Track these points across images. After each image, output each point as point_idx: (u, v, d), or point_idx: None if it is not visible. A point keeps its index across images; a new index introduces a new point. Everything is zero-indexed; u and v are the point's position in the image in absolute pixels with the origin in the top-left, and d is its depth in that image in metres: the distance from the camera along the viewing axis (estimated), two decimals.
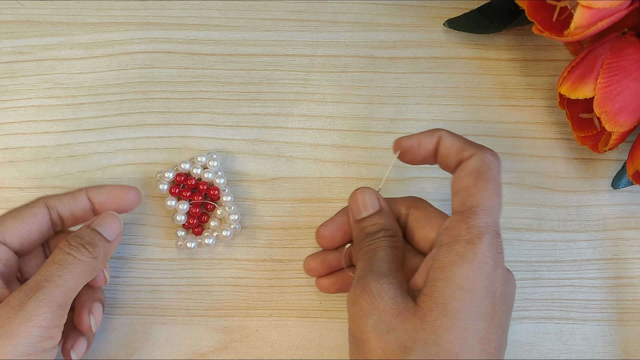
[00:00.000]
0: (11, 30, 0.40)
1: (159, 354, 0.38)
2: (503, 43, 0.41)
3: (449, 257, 0.29)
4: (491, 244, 0.29)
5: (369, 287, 0.29)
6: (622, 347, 0.38)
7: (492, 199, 0.30)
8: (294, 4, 0.41)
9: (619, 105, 0.33)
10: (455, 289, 0.28)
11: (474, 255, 0.28)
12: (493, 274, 0.29)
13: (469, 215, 0.29)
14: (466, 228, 0.29)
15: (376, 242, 0.32)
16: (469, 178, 0.30)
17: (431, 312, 0.28)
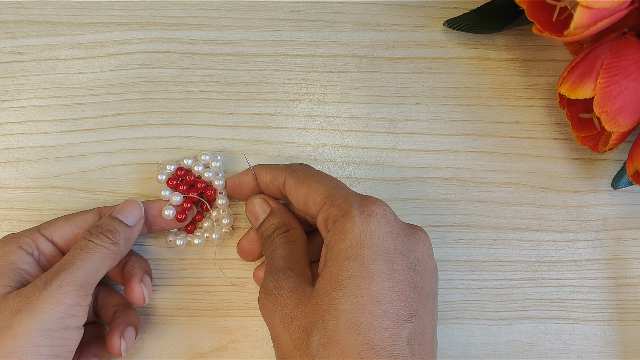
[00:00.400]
0: (11, 30, 0.40)
1: (159, 354, 0.38)
2: (503, 43, 0.41)
3: (333, 237, 0.29)
4: (363, 207, 0.30)
5: (268, 287, 0.31)
6: (621, 347, 0.38)
7: (328, 180, 0.32)
8: (294, 4, 0.41)
9: (619, 105, 0.33)
10: (342, 260, 0.28)
11: (351, 224, 0.29)
12: (378, 233, 0.29)
13: (330, 201, 0.31)
14: (336, 208, 0.30)
15: (273, 242, 0.33)
16: (299, 189, 0.33)
17: (323, 289, 0.28)
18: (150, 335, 0.38)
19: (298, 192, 0.33)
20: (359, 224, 0.29)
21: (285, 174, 0.34)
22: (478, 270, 0.39)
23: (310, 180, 0.33)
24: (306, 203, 0.32)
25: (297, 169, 0.34)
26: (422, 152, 0.40)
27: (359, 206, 0.30)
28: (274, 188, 0.35)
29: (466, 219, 0.39)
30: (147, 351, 0.38)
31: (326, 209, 0.31)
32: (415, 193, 0.39)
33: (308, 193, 0.32)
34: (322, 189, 0.32)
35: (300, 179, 0.33)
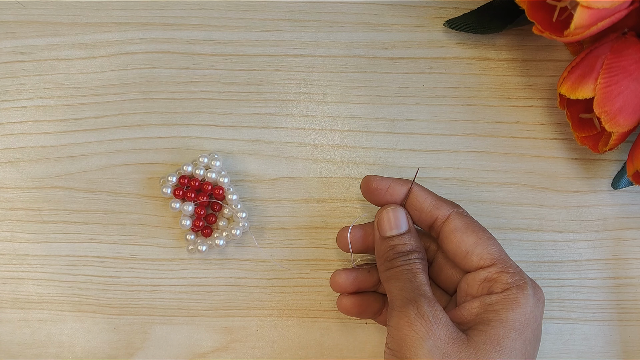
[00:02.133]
0: (11, 31, 0.40)
1: (159, 354, 0.38)
2: (503, 43, 0.41)
3: (502, 303, 0.31)
4: (535, 288, 0.32)
5: (424, 312, 0.30)
6: (622, 347, 0.38)
7: (497, 243, 0.33)
8: (294, 4, 0.41)
9: (619, 105, 0.33)
10: (509, 329, 0.30)
11: (525, 300, 0.31)
12: (538, 320, 0.31)
13: (503, 266, 0.32)
14: (510, 276, 0.31)
15: (412, 264, 0.32)
16: (468, 236, 0.32)
17: (485, 345, 0.29)
18: (151, 335, 0.38)
19: (464, 237, 0.32)
20: (531, 303, 0.31)
21: (451, 211, 0.33)
22: None
23: (481, 233, 0.32)
24: (469, 253, 0.32)
25: (465, 212, 0.34)
26: (422, 152, 0.40)
27: (533, 287, 0.31)
28: (427, 216, 0.34)
29: None
30: (148, 351, 0.38)
31: (496, 271, 0.31)
32: None
33: (476, 244, 0.32)
34: (494, 249, 0.32)
35: (470, 226, 0.32)
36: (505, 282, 0.31)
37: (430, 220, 0.34)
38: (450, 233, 0.33)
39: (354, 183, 0.39)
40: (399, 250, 0.33)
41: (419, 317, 0.30)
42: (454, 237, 0.32)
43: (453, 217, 0.33)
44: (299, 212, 0.39)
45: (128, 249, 0.39)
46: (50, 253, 0.39)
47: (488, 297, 0.31)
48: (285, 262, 0.39)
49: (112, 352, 0.37)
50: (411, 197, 0.34)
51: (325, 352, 0.38)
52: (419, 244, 0.33)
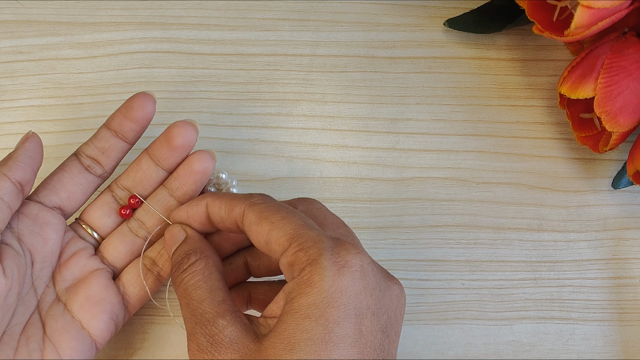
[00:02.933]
0: (11, 30, 0.40)
1: (159, 354, 0.38)
2: (503, 43, 0.41)
3: (295, 288, 0.25)
4: (336, 255, 0.25)
5: (201, 343, 0.26)
6: (622, 347, 0.38)
7: (294, 219, 0.27)
8: (294, 4, 0.40)
9: (620, 105, 0.33)
10: (301, 319, 0.24)
11: (319, 276, 0.25)
12: (351, 290, 0.25)
13: (298, 245, 0.26)
14: (304, 253, 0.26)
15: (187, 278, 0.29)
16: (261, 226, 0.28)
17: (274, 349, 0.24)
18: (150, 335, 0.38)
19: (259, 228, 0.28)
20: (329, 277, 0.25)
21: (244, 206, 0.29)
22: (478, 270, 0.39)
23: (274, 216, 0.28)
24: (268, 242, 0.28)
25: (259, 200, 0.29)
26: (422, 152, 0.40)
27: (332, 254, 0.25)
28: (230, 223, 0.30)
29: (466, 219, 0.39)
30: (148, 351, 0.38)
31: (292, 252, 0.26)
32: (416, 193, 0.39)
33: (271, 231, 0.27)
34: (288, 228, 0.27)
35: (262, 214, 0.28)
36: (301, 262, 0.26)
37: (235, 227, 0.30)
38: (248, 230, 0.28)
39: (354, 183, 0.39)
40: (174, 262, 0.30)
41: (200, 352, 0.26)
42: (251, 232, 0.28)
43: (246, 212, 0.29)
44: None
45: None
46: None
47: (287, 287, 0.26)
48: None
49: (111, 352, 0.37)
50: (209, 212, 0.30)
51: None
52: (197, 245, 0.30)
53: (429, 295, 0.39)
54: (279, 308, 0.26)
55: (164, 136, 0.32)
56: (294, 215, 0.28)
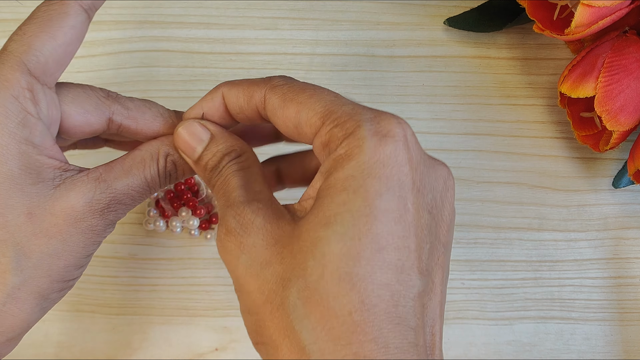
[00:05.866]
0: (10, 29, 0.40)
1: (159, 354, 0.37)
2: (504, 42, 0.41)
3: (331, 165, 0.22)
4: (377, 124, 0.22)
5: (230, 225, 0.24)
6: (623, 347, 0.38)
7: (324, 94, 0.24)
8: (294, 3, 0.40)
9: (620, 104, 0.33)
10: (338, 192, 0.21)
11: (358, 148, 0.22)
12: (394, 160, 0.22)
13: (332, 121, 0.23)
14: (340, 128, 0.23)
15: (223, 172, 0.26)
16: (287, 108, 0.25)
17: (309, 226, 0.22)
18: (150, 335, 0.38)
19: (286, 112, 0.25)
20: (369, 147, 0.21)
21: (264, 91, 0.26)
22: (479, 269, 0.39)
23: (300, 95, 0.24)
24: (298, 125, 0.24)
25: (280, 82, 0.26)
26: None
27: (372, 124, 0.22)
28: (251, 112, 0.26)
29: (467, 219, 0.39)
30: (147, 351, 0.38)
31: (326, 130, 0.23)
32: None
33: (299, 112, 0.24)
34: (319, 105, 0.24)
35: (287, 95, 0.25)
36: (337, 139, 0.23)
37: (256, 116, 0.26)
38: (272, 117, 0.25)
39: None
40: (210, 165, 0.26)
41: (227, 235, 0.24)
42: (276, 118, 0.25)
43: (267, 97, 0.25)
44: None
45: (127, 248, 0.38)
46: None
47: (324, 166, 0.23)
48: None
49: (111, 352, 0.37)
50: (226, 103, 0.27)
51: None
52: (228, 143, 0.27)
53: None
54: (315, 190, 0.23)
55: None
56: (323, 91, 0.24)
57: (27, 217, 0.24)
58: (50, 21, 0.25)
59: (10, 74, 0.24)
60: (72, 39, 0.25)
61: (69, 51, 0.25)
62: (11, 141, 0.24)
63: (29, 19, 0.25)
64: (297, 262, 0.21)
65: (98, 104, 0.27)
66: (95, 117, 0.27)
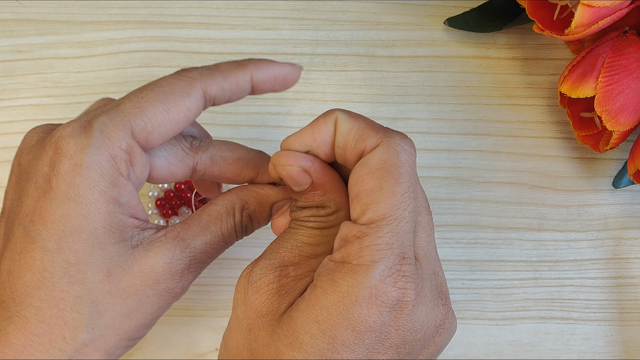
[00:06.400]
0: (9, 29, 0.40)
1: (158, 354, 0.37)
2: (504, 42, 0.41)
3: (324, 280, 0.22)
4: (387, 276, 0.21)
5: (253, 273, 0.24)
6: (623, 347, 0.38)
7: (402, 207, 0.22)
8: (294, 3, 0.40)
9: (620, 104, 0.33)
10: (312, 320, 0.22)
11: (351, 289, 0.21)
12: (379, 318, 0.21)
13: (366, 232, 0.22)
14: (358, 250, 0.22)
15: (302, 221, 0.25)
16: (372, 177, 0.23)
17: (282, 331, 0.22)
18: (150, 335, 0.38)
19: (367, 177, 0.23)
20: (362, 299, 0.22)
21: (382, 141, 0.23)
22: (479, 270, 0.39)
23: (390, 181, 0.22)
24: (356, 198, 0.23)
25: (400, 144, 0.23)
26: (422, 151, 0.40)
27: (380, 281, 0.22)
28: (352, 154, 0.24)
29: (467, 219, 0.39)
30: (147, 351, 0.37)
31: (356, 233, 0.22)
32: None
33: (371, 192, 0.23)
34: (383, 208, 0.22)
35: (386, 167, 0.23)
36: (346, 253, 0.22)
37: (357, 157, 0.24)
38: (358, 167, 0.23)
39: None
40: (299, 205, 0.25)
41: (245, 277, 0.24)
42: (358, 172, 0.23)
43: (379, 147, 0.23)
44: None
45: None
46: None
47: (325, 261, 0.23)
48: None
49: None
50: (336, 130, 0.25)
51: None
52: (328, 196, 0.25)
53: None
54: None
55: None
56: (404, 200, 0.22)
57: (105, 276, 0.24)
58: (170, 95, 0.25)
59: (114, 132, 0.24)
60: (183, 119, 0.25)
61: (176, 129, 0.25)
62: (100, 199, 0.24)
63: (152, 85, 0.26)
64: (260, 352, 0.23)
65: (182, 156, 0.27)
66: (180, 169, 0.27)
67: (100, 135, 0.23)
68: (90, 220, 0.23)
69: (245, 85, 0.27)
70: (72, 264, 0.23)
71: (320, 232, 0.25)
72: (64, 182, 0.23)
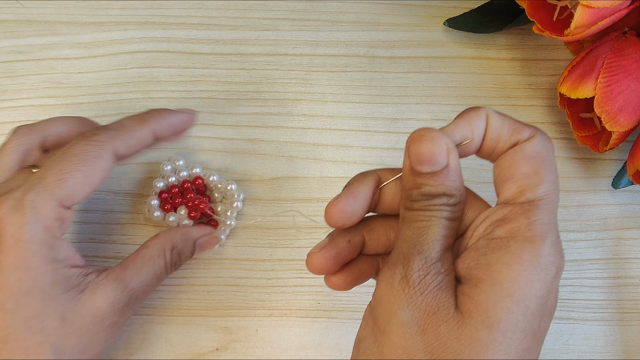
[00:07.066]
0: (10, 30, 0.40)
1: (159, 354, 0.38)
2: (503, 42, 0.41)
3: (499, 255, 0.23)
4: (555, 247, 0.24)
5: (411, 274, 0.24)
6: (622, 347, 0.38)
7: (555, 192, 0.25)
8: (294, 4, 0.40)
9: (620, 104, 0.33)
10: (503, 295, 0.23)
11: (533, 257, 0.23)
12: (551, 284, 0.24)
13: (530, 209, 0.24)
14: (527, 224, 0.24)
15: (433, 211, 0.25)
16: (528, 163, 0.25)
17: (471, 319, 0.23)
18: (150, 335, 0.38)
19: (522, 162, 0.25)
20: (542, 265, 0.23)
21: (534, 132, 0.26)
22: None
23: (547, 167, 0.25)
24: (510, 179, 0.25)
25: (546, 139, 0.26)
26: None
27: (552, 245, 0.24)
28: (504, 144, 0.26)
29: None
30: (147, 351, 0.38)
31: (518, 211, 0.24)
32: None
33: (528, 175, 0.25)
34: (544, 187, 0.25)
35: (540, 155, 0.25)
36: (516, 227, 0.24)
37: (508, 148, 0.26)
38: (512, 152, 0.26)
39: None
40: (425, 192, 0.25)
41: (402, 280, 0.24)
42: (513, 156, 0.25)
43: (533, 139, 0.25)
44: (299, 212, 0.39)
45: (128, 248, 0.38)
46: None
47: (484, 242, 0.24)
48: (284, 262, 0.38)
49: (111, 352, 0.37)
50: (488, 124, 0.27)
51: (324, 352, 0.38)
52: (456, 185, 0.25)
53: None
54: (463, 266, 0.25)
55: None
56: (555, 187, 0.25)
57: (60, 321, 0.28)
58: (86, 162, 0.30)
59: (43, 207, 0.28)
60: (99, 180, 0.30)
61: (94, 188, 0.30)
62: (43, 263, 0.28)
63: (69, 155, 0.30)
64: (451, 347, 0.23)
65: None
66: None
67: (32, 212, 0.28)
68: (38, 280, 0.28)
69: (149, 139, 0.32)
70: (30, 318, 0.28)
71: (451, 224, 0.25)
72: (11, 255, 0.28)
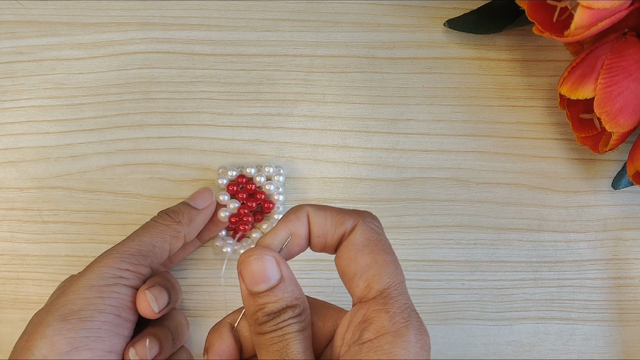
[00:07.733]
0: (11, 31, 0.40)
1: None
2: (503, 43, 0.41)
3: (375, 359, 0.24)
4: (419, 330, 0.25)
5: None
6: (622, 347, 0.38)
7: (397, 271, 0.26)
8: (294, 4, 0.41)
9: (620, 105, 0.33)
10: None
11: (406, 350, 0.24)
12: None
13: (385, 302, 0.25)
14: (388, 318, 0.24)
15: (284, 328, 0.25)
16: (364, 255, 0.26)
17: None
18: None
19: (358, 256, 0.26)
20: (412, 354, 0.24)
21: (358, 220, 0.26)
22: (479, 270, 0.39)
23: (381, 254, 0.26)
24: (356, 276, 0.26)
25: (374, 222, 0.27)
26: (422, 152, 0.40)
27: (417, 330, 0.25)
28: (333, 238, 0.27)
29: (467, 220, 0.39)
30: None
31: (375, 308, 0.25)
32: (416, 193, 0.39)
33: (369, 268, 0.25)
34: (388, 278, 0.25)
35: (372, 243, 0.26)
36: (380, 325, 0.24)
37: (337, 241, 0.27)
38: (345, 248, 0.26)
39: (354, 183, 0.39)
40: (269, 310, 0.25)
41: None
42: (347, 253, 0.26)
43: (358, 228, 0.26)
44: None
45: None
46: (50, 253, 0.39)
47: (356, 349, 0.24)
48: None
49: None
50: (310, 222, 0.27)
51: None
52: (295, 294, 0.26)
53: (429, 295, 0.39)
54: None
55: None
56: (398, 267, 0.26)
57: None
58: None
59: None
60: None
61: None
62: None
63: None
64: None
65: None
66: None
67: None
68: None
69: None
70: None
71: (305, 335, 0.26)
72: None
